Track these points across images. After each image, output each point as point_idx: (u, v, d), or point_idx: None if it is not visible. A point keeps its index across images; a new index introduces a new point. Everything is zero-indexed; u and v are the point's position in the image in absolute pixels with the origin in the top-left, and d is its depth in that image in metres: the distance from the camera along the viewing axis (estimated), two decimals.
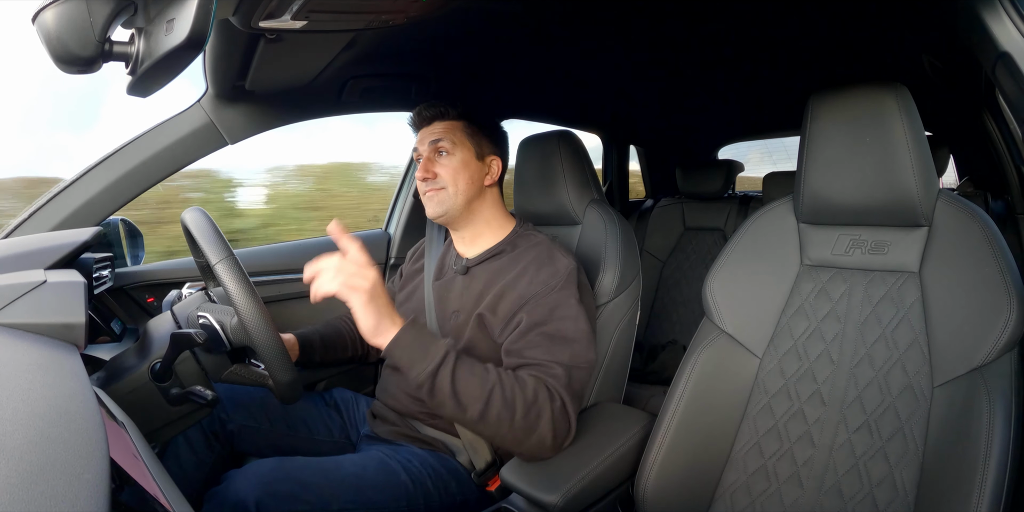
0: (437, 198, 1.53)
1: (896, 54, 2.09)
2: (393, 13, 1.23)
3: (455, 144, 1.53)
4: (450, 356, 1.22)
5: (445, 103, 1.57)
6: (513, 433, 1.24)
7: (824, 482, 1.25)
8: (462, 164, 1.52)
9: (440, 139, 1.53)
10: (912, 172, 1.19)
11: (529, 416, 1.23)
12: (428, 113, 1.57)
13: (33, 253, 1.27)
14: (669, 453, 1.31)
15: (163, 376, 1.16)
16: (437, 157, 1.53)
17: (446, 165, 1.52)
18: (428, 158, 1.54)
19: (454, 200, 1.52)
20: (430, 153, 1.54)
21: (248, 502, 1.15)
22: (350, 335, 1.75)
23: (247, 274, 1.14)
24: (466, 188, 1.52)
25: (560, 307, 1.36)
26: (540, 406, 1.24)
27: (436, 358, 1.20)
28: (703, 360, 1.37)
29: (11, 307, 0.95)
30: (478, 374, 1.23)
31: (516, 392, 1.23)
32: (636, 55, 2.16)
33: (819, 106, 1.30)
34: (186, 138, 1.66)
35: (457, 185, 1.51)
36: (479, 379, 1.22)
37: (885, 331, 1.24)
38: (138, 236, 1.85)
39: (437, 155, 1.53)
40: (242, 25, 1.14)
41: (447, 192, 1.52)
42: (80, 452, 0.55)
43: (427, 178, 1.52)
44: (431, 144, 1.53)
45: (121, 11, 0.79)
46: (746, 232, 1.44)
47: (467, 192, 1.53)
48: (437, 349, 1.21)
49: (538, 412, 1.24)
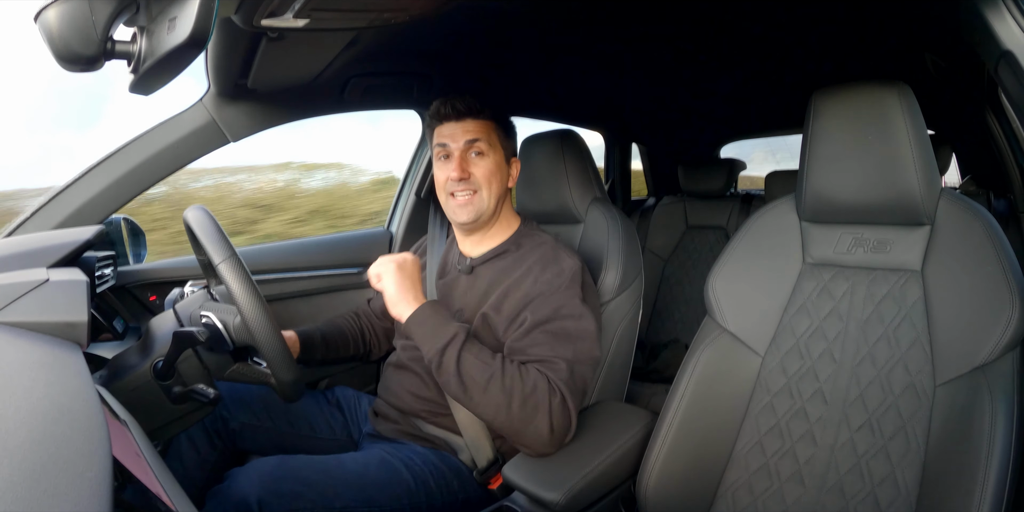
0: (472, 202, 1.49)
1: (899, 52, 2.09)
2: (395, 11, 1.23)
3: (491, 145, 1.50)
4: (458, 337, 1.27)
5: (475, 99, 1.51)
6: (510, 421, 1.25)
7: (826, 481, 1.25)
8: (496, 167, 1.50)
9: (478, 139, 1.49)
10: (915, 170, 1.19)
11: (527, 406, 1.24)
12: (463, 106, 1.50)
13: (35, 252, 1.27)
14: (671, 451, 1.31)
15: (165, 374, 1.16)
16: (471, 156, 1.50)
17: (482, 166, 1.49)
18: (462, 156, 1.49)
19: (487, 204, 1.50)
20: (464, 152, 1.49)
21: (250, 500, 1.15)
22: (352, 333, 1.75)
23: (250, 273, 1.14)
24: (497, 191, 1.51)
25: (564, 306, 1.36)
26: (538, 398, 1.25)
27: (446, 336, 1.27)
28: (705, 359, 1.37)
29: (13, 305, 0.96)
30: (483, 359, 1.27)
31: (516, 381, 1.25)
32: (638, 54, 2.16)
33: (822, 104, 1.30)
34: (188, 136, 1.66)
35: (491, 189, 1.49)
36: (483, 363, 1.26)
37: (887, 330, 1.24)
38: (140, 234, 1.84)
39: (471, 154, 1.50)
40: (244, 24, 1.14)
41: (480, 196, 1.49)
42: (83, 450, 0.55)
43: (463, 178, 1.47)
44: (467, 143, 1.48)
45: (123, 10, 0.79)
46: (748, 231, 1.44)
47: (498, 195, 1.51)
48: (449, 329, 1.28)
49: (535, 403, 1.25)
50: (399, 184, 2.48)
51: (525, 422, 1.25)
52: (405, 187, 2.46)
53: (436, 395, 1.49)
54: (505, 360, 1.29)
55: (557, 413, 1.26)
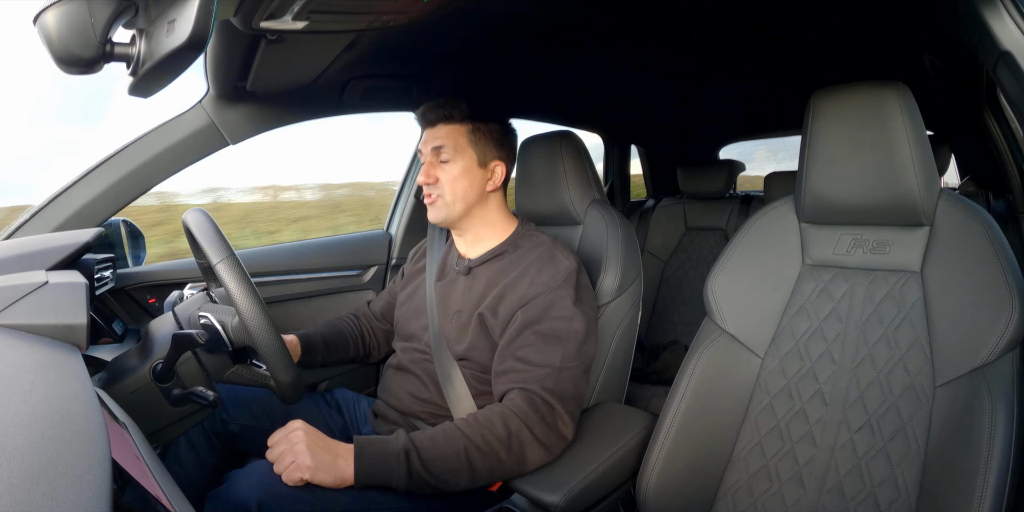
0: (436, 205, 1.53)
1: (897, 53, 2.09)
2: (394, 14, 1.23)
3: (457, 151, 1.52)
4: (411, 450, 1.21)
5: (452, 104, 1.53)
6: (507, 469, 1.26)
7: (826, 482, 1.25)
8: (463, 171, 1.52)
9: (442, 146, 1.52)
10: (913, 171, 1.19)
11: (512, 450, 1.25)
12: (433, 116, 1.54)
13: (34, 254, 1.27)
14: (671, 453, 1.31)
15: (165, 377, 1.16)
16: (438, 162, 1.53)
17: (447, 171, 1.52)
18: (430, 162, 1.53)
19: (451, 208, 1.52)
20: (432, 158, 1.53)
21: (250, 503, 1.15)
22: (352, 335, 1.76)
23: (248, 274, 1.14)
24: (464, 195, 1.52)
25: (554, 307, 1.37)
26: (518, 435, 1.26)
27: (401, 459, 1.20)
28: (705, 360, 1.37)
29: (13, 308, 0.95)
30: (446, 446, 1.23)
31: (489, 438, 1.24)
32: (637, 55, 2.16)
33: (820, 105, 1.30)
34: (187, 139, 1.66)
35: (455, 193, 1.51)
36: (451, 450, 1.22)
37: (887, 331, 1.24)
38: (139, 237, 1.84)
39: (438, 160, 1.53)
40: (243, 26, 1.14)
41: (444, 199, 1.52)
42: (82, 453, 0.55)
43: (428, 182, 1.52)
44: (433, 150, 1.53)
45: (122, 12, 0.79)
46: (747, 232, 1.44)
47: (466, 199, 1.53)
48: (396, 449, 1.21)
49: (519, 442, 1.26)
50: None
51: (520, 461, 1.27)
52: (404, 189, 2.46)
53: (435, 396, 1.49)
54: (464, 425, 1.26)
55: (543, 433, 1.28)
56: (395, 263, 2.35)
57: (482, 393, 1.45)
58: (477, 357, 1.45)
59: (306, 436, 1.19)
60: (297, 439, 1.18)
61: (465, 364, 1.47)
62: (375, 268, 2.31)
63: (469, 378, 1.46)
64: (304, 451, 1.16)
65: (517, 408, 1.28)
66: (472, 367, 1.46)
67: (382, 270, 2.32)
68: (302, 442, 1.17)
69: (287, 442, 1.18)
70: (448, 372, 1.47)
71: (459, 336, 1.48)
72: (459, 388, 1.46)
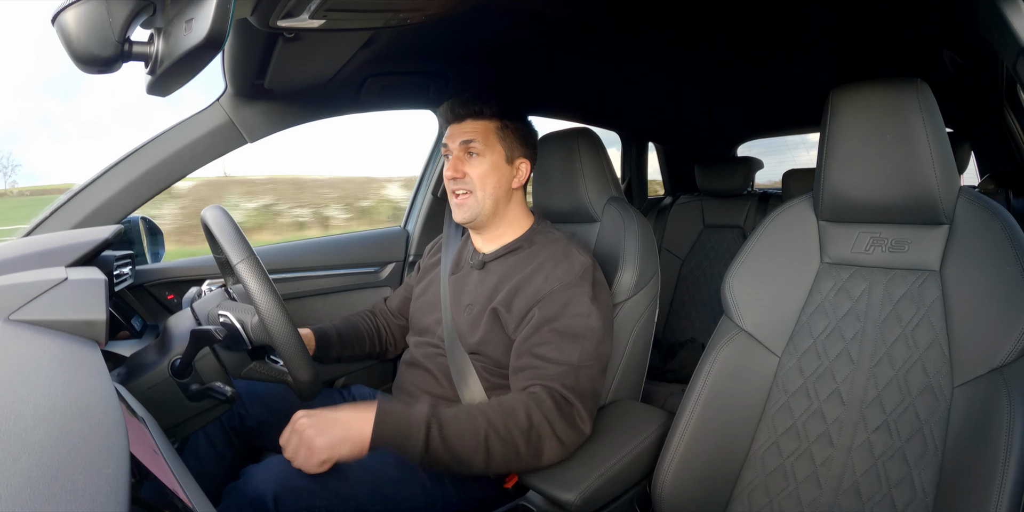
0: (466, 204, 1.52)
1: (916, 50, 2.07)
2: (411, 11, 1.23)
3: (487, 146, 1.51)
4: (433, 423, 1.20)
5: (481, 101, 1.53)
6: (522, 461, 1.25)
7: (842, 482, 1.24)
8: (492, 167, 1.51)
9: (472, 140, 1.51)
10: (933, 169, 1.18)
11: (531, 442, 1.24)
12: (463, 110, 1.53)
13: (54, 251, 1.28)
14: (687, 452, 1.31)
15: (183, 372, 1.16)
16: (467, 157, 1.52)
17: (476, 166, 1.51)
18: (458, 157, 1.52)
19: (482, 205, 1.52)
20: (460, 152, 1.52)
21: (266, 497, 1.15)
22: (368, 331, 1.76)
23: (267, 273, 1.15)
24: (494, 192, 1.52)
25: (572, 304, 1.36)
26: (538, 428, 1.25)
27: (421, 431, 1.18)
28: (722, 358, 1.36)
29: (32, 304, 0.96)
30: (468, 425, 1.22)
31: (511, 426, 1.23)
32: (656, 53, 2.16)
33: (839, 102, 1.29)
34: (205, 136, 1.67)
35: (485, 189, 1.51)
36: (471, 431, 1.21)
37: (905, 330, 1.23)
38: (158, 234, 1.86)
39: (467, 155, 1.52)
40: (260, 24, 1.15)
41: (475, 197, 1.51)
42: (100, 447, 0.56)
43: (455, 177, 1.51)
44: (462, 144, 1.51)
45: (140, 11, 0.80)
46: (765, 230, 1.44)
47: (495, 196, 1.52)
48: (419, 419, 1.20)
49: (539, 435, 1.25)
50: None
51: (537, 455, 1.26)
52: (422, 186, 2.47)
53: (448, 392, 1.50)
54: (488, 408, 1.26)
55: (562, 429, 1.27)
56: (412, 260, 2.36)
57: (495, 387, 1.45)
58: (490, 351, 1.45)
59: (311, 420, 1.18)
60: (303, 427, 1.18)
61: (477, 358, 1.47)
62: (393, 265, 2.31)
63: (481, 371, 1.46)
64: (313, 435, 1.16)
65: (540, 402, 1.27)
66: (484, 361, 1.46)
67: (399, 267, 2.33)
68: (310, 428, 1.17)
69: (296, 434, 1.18)
70: (461, 366, 1.48)
71: (471, 329, 1.48)
72: (472, 382, 1.46)
